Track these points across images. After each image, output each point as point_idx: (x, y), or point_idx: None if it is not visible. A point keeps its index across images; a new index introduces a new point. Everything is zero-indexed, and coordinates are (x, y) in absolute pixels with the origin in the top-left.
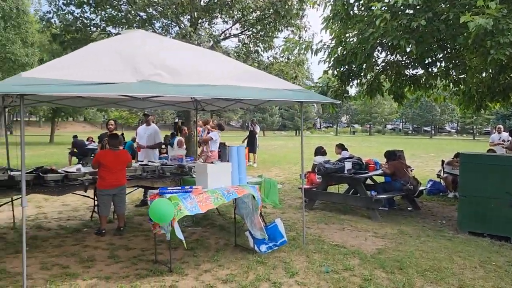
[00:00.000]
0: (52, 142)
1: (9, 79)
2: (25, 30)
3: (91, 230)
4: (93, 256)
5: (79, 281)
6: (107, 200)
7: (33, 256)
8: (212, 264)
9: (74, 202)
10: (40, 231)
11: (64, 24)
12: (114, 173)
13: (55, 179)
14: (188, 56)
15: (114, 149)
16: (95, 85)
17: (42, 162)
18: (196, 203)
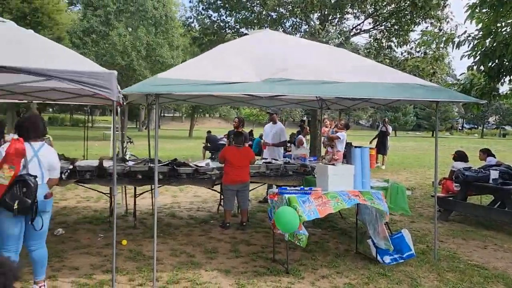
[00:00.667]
0: (191, 136)
1: (148, 80)
2: (172, 35)
3: (217, 223)
4: (216, 248)
5: (202, 271)
6: (231, 195)
7: (165, 242)
8: (331, 270)
9: (204, 194)
10: (173, 219)
11: (202, 28)
12: (237, 169)
13: (187, 172)
14: (312, 54)
15: (238, 146)
16: (222, 84)
17: (180, 155)
18: (315, 207)
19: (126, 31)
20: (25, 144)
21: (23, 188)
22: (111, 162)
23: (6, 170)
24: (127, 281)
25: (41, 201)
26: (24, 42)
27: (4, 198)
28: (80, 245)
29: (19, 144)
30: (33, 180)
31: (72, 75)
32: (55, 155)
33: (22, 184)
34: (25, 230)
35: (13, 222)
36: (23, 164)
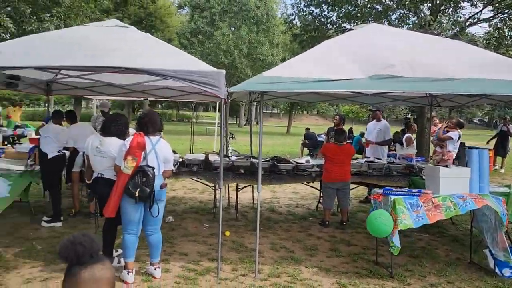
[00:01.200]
0: (288, 133)
1: (253, 78)
2: (272, 33)
3: (316, 220)
4: (316, 245)
5: (302, 267)
6: (331, 193)
7: (266, 236)
8: (440, 278)
9: (303, 191)
10: (272, 214)
11: (303, 24)
12: (337, 167)
13: (287, 168)
14: (423, 47)
15: (338, 144)
16: (326, 82)
17: (278, 151)
18: (424, 211)
19: (229, 30)
20: (144, 138)
21: (143, 178)
22: (216, 156)
23: (130, 161)
24: (230, 270)
25: (157, 190)
26: (145, 45)
27: (127, 186)
28: (188, 233)
29: (140, 138)
30: (151, 171)
31: (185, 74)
32: (170, 148)
33: (142, 174)
34: (144, 216)
35: (134, 208)
36: (143, 156)
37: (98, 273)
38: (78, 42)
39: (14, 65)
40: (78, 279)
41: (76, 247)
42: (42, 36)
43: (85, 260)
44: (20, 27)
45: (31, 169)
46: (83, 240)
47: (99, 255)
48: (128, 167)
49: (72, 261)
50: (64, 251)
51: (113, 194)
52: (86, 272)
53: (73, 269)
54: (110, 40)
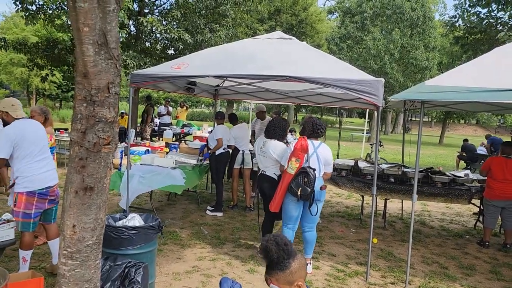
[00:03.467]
0: (441, 143)
1: (414, 88)
2: (428, 36)
3: (473, 239)
4: (473, 265)
5: (457, 285)
6: (493, 212)
7: (416, 249)
8: None
9: (458, 207)
10: (423, 227)
11: (468, 26)
12: (503, 184)
13: (442, 181)
14: None
15: (507, 157)
16: (490, 92)
17: (430, 162)
18: None
19: (380, 35)
20: (307, 141)
21: (305, 178)
22: (365, 163)
23: (293, 162)
24: (379, 277)
25: (317, 191)
26: (305, 55)
27: (290, 185)
28: (335, 236)
29: (304, 141)
30: (312, 172)
31: (345, 83)
32: (330, 152)
33: (304, 174)
34: (303, 214)
35: (295, 205)
36: (305, 158)
37: (302, 260)
38: (248, 54)
39: (199, 74)
40: (292, 270)
41: (283, 247)
42: (219, 49)
43: (292, 254)
44: (194, 38)
45: (201, 163)
46: (285, 241)
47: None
48: (292, 168)
49: (283, 258)
50: (275, 253)
51: (278, 192)
52: (295, 262)
53: (283, 264)
54: (275, 51)
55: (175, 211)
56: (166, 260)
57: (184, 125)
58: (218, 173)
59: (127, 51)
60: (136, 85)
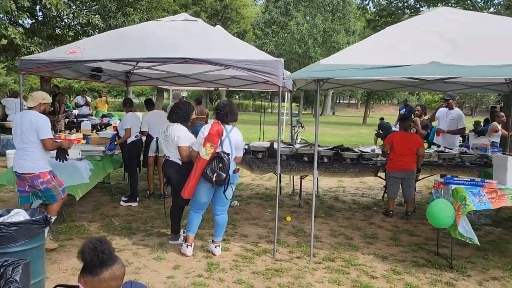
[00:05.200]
0: (364, 123)
1: (311, 66)
2: (348, 20)
3: (380, 210)
4: (376, 234)
5: (358, 254)
6: (395, 183)
7: (326, 223)
8: (505, 272)
9: (371, 181)
10: (336, 202)
11: (378, 9)
12: (402, 156)
13: (351, 157)
14: (496, 30)
15: (405, 131)
16: (383, 68)
17: (351, 141)
18: (487, 200)
19: (303, 19)
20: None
21: (220, 163)
22: (282, 144)
23: (208, 147)
24: (287, 252)
25: (231, 175)
26: (210, 37)
27: (205, 171)
28: (251, 217)
29: (219, 126)
30: (227, 157)
31: (244, 64)
32: (241, 136)
33: (219, 160)
34: (216, 198)
35: (208, 191)
36: (219, 143)
37: (117, 271)
38: (149, 37)
39: (94, 58)
40: (101, 278)
41: (99, 254)
42: (117, 32)
43: (106, 263)
44: (107, 23)
45: (111, 153)
46: (104, 248)
47: (114, 256)
48: (207, 153)
49: (95, 265)
50: (88, 256)
51: (191, 178)
52: (108, 272)
53: (94, 270)
54: (178, 33)
55: (85, 204)
56: (67, 255)
57: (104, 115)
58: (131, 162)
59: (31, 37)
60: (26, 72)
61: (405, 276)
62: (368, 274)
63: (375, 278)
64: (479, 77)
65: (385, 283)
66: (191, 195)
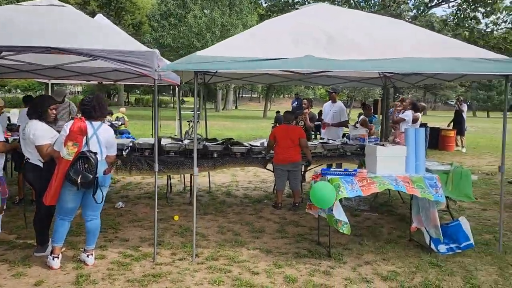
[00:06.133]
0: (265, 116)
1: (186, 58)
2: (246, 15)
3: (270, 203)
4: (263, 227)
5: (244, 250)
6: (281, 175)
7: (215, 220)
8: (377, 256)
9: (264, 174)
10: (228, 198)
11: (269, 5)
12: (286, 148)
13: (241, 151)
14: (365, 27)
15: (287, 124)
16: (261, 61)
17: (250, 135)
18: (359, 187)
19: (201, 13)
20: (86, 122)
21: (85, 164)
22: (170, 140)
23: (70, 146)
24: (169, 254)
25: (101, 176)
26: (79, 25)
27: (68, 172)
28: (136, 219)
29: (81, 122)
30: (93, 156)
31: (115, 55)
32: (112, 133)
33: (84, 160)
34: (85, 202)
35: (74, 195)
36: (84, 141)
37: None
38: (6, 23)
39: None
40: None
41: None
42: None
43: None
44: None
45: None
46: None
47: None
48: (70, 153)
49: None
50: None
51: (53, 181)
52: None
53: None
54: (41, 19)
55: None
56: None
57: None
58: None
59: None
60: None
61: (286, 269)
62: (250, 270)
63: (257, 274)
64: (351, 71)
65: (265, 278)
66: (55, 201)
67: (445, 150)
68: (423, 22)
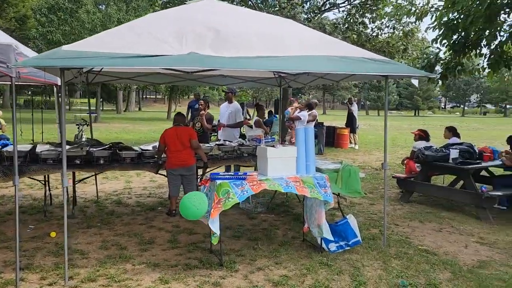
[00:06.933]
0: (169, 118)
1: (48, 53)
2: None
3: (165, 210)
4: (154, 238)
5: (128, 266)
6: (174, 180)
7: (99, 233)
8: (270, 260)
9: (162, 179)
10: (118, 207)
11: (164, 1)
12: (177, 152)
13: (130, 156)
14: (253, 25)
15: (177, 125)
16: (136, 58)
17: (151, 137)
18: (249, 187)
19: (95, 8)
20: None
21: None
22: (47, 146)
23: None
24: (38, 279)
25: None
26: None
27: None
28: (4, 238)
29: None
30: None
31: None
32: None
33: None
34: None
35: None
36: None
37: None
38: None
39: None
40: None
41: None
42: None
43: None
44: None
45: None
46: None
47: None
48: None
49: None
50: None
51: None
52: None
53: None
54: None
55: None
56: None
57: None
58: None
59: None
60: None
61: (172, 284)
62: None
63: None
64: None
65: None
66: None
67: (341, 147)
68: (316, 24)
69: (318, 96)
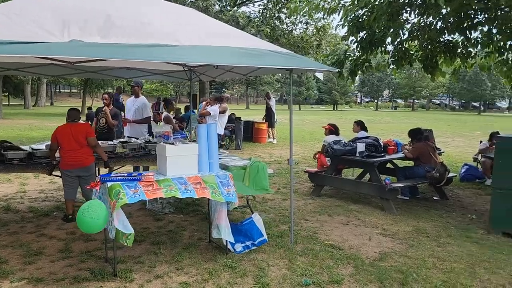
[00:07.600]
0: (83, 112)
1: None
2: None
3: (61, 215)
4: (43, 248)
5: (5, 283)
6: (71, 182)
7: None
8: (170, 266)
9: None
10: (6, 214)
11: None
12: (71, 151)
13: (18, 157)
14: (146, 12)
15: (72, 122)
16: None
17: None
18: (143, 191)
19: None
20: None
21: None
22: None
23: None
24: None
25: None
26: None
27: None
28: None
29: None
30: None
31: None
32: None
33: None
34: None
35: None
36: None
37: None
38: None
39: None
40: None
41: None
42: None
43: None
44: None
45: None
46: None
47: None
48: None
49: None
50: None
51: None
52: None
53: None
54: None
55: None
56: None
57: None
58: None
59: None
60: None
61: None
62: None
63: None
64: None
65: None
66: None
67: (259, 142)
68: (229, 17)
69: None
